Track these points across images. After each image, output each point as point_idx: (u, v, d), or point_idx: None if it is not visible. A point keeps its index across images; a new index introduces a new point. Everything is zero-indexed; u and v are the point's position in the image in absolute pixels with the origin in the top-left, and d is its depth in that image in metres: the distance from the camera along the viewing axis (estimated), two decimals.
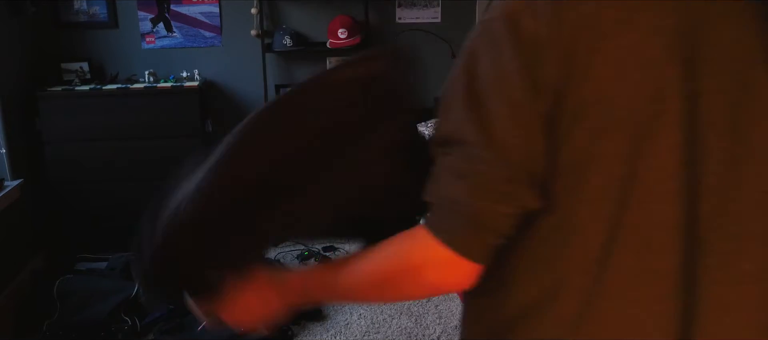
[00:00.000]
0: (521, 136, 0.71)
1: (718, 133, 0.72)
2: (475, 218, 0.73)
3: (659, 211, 0.73)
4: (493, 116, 0.72)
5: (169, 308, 3.04)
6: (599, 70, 0.70)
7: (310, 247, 3.86)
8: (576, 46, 0.70)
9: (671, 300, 0.74)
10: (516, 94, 0.71)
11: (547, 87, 0.70)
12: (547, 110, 0.71)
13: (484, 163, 0.72)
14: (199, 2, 3.84)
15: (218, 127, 3.95)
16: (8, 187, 3.14)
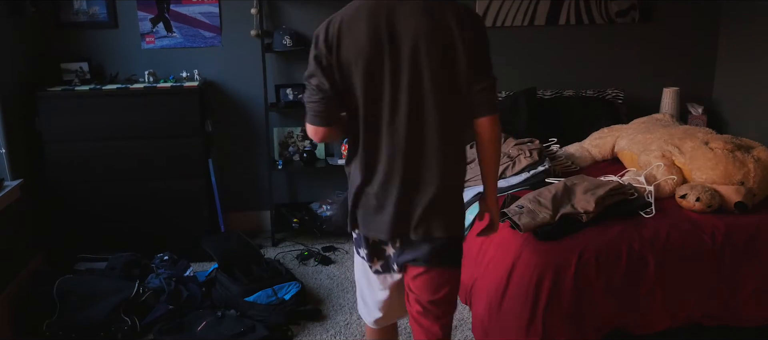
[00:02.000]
0: (327, 78, 1.81)
1: (407, 64, 1.77)
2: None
3: (380, 91, 1.79)
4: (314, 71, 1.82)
5: (169, 307, 3.05)
6: (341, 50, 1.78)
7: (310, 247, 3.86)
8: (336, 43, 1.78)
9: (395, 124, 1.81)
10: (322, 62, 1.80)
11: (329, 57, 1.79)
12: (330, 64, 1.79)
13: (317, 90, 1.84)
14: (198, 2, 3.84)
15: (218, 127, 3.95)
16: (8, 187, 3.13)
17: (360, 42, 1.76)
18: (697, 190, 2.68)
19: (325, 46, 1.78)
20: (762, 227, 2.55)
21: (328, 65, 1.79)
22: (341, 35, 1.77)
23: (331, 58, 1.78)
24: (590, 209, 2.55)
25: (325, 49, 1.78)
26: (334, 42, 1.78)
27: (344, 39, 1.77)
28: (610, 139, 3.45)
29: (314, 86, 1.83)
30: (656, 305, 2.39)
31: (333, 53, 1.78)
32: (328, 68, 1.79)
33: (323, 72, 1.80)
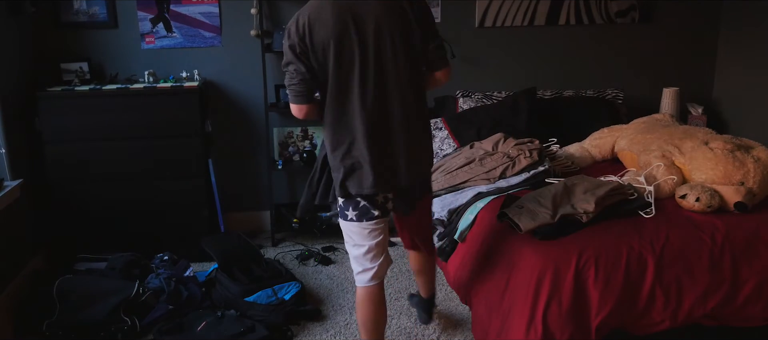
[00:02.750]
0: (302, 63, 2.14)
1: (372, 38, 2.13)
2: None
3: (351, 64, 2.14)
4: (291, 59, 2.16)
5: (169, 307, 3.05)
6: (313, 35, 2.11)
7: (310, 247, 3.86)
8: (307, 31, 2.11)
9: (369, 95, 2.17)
10: (296, 50, 2.13)
11: (302, 44, 2.12)
12: (304, 51, 2.13)
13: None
14: (198, 2, 3.84)
15: (218, 128, 3.95)
16: (8, 187, 3.14)
17: (329, 26, 2.10)
18: (697, 190, 2.68)
19: (298, 36, 2.12)
20: (762, 227, 2.54)
21: (302, 51, 2.13)
22: (311, 24, 2.11)
23: (305, 45, 2.12)
24: (590, 209, 2.55)
25: (298, 39, 2.12)
26: (305, 31, 2.12)
27: (314, 26, 2.11)
28: (610, 139, 3.45)
29: (293, 71, 2.17)
30: (656, 305, 2.39)
31: (306, 40, 2.12)
32: (302, 54, 2.13)
33: (298, 58, 2.14)
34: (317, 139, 4.11)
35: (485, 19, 4.06)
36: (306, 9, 2.15)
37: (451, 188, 3.09)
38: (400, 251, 3.85)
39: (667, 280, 2.40)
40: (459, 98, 3.96)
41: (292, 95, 2.20)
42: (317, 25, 2.11)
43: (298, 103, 2.21)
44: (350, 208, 2.29)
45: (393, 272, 3.57)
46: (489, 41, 4.09)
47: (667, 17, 4.19)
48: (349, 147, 2.20)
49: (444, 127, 3.74)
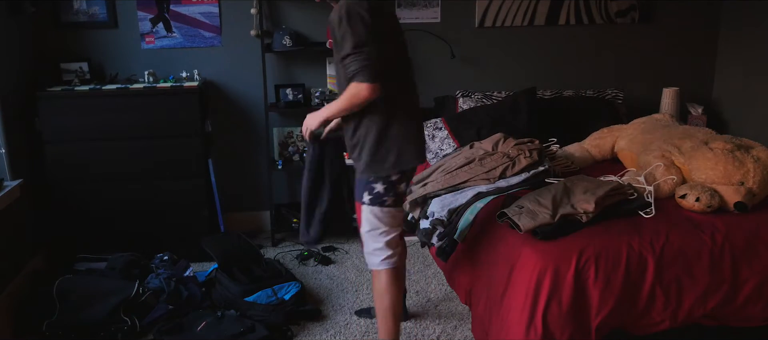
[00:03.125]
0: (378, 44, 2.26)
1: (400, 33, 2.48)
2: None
3: (404, 57, 2.48)
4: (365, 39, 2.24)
5: (169, 307, 3.05)
6: (383, 20, 2.31)
7: (310, 247, 3.86)
8: (377, 14, 2.26)
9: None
10: (373, 31, 2.24)
11: (376, 25, 2.25)
12: (376, 34, 2.25)
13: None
14: (198, 2, 3.84)
15: (218, 128, 3.95)
16: (8, 187, 3.13)
17: (388, 13, 2.39)
18: (697, 190, 2.68)
19: (371, 19, 2.23)
20: (762, 226, 2.54)
21: (376, 33, 2.25)
22: (376, 10, 2.27)
23: (378, 27, 2.26)
24: (590, 209, 2.55)
25: (372, 21, 2.23)
26: (375, 14, 2.26)
27: (379, 12, 2.29)
28: (610, 139, 3.45)
29: (366, 52, 2.23)
30: (656, 304, 2.39)
31: (378, 23, 2.26)
32: (377, 35, 2.25)
33: (374, 39, 2.24)
34: None
35: (485, 19, 4.06)
36: (365, 2, 2.26)
37: (451, 188, 3.09)
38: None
39: (667, 280, 2.40)
40: (459, 98, 3.96)
41: (371, 75, 2.22)
42: (379, 12, 2.29)
43: (378, 81, 2.25)
44: (390, 194, 2.43)
45: None
46: (489, 41, 4.09)
47: (666, 17, 4.19)
48: (407, 125, 2.41)
49: (444, 127, 3.74)
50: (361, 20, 2.21)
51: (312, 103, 3.93)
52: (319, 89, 3.96)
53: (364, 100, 2.27)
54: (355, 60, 2.23)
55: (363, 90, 2.24)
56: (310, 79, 4.02)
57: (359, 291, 3.36)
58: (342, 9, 2.24)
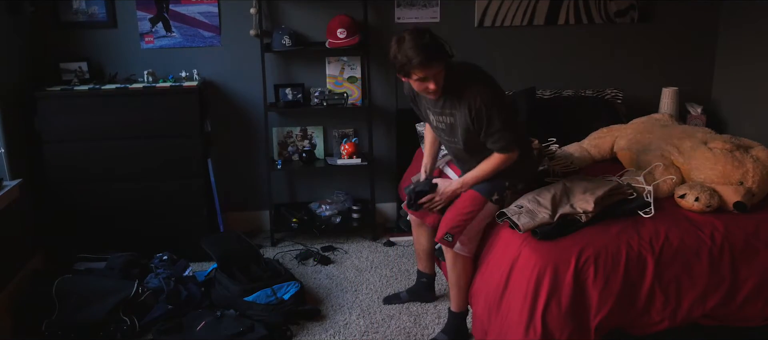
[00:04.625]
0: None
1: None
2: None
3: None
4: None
5: (168, 307, 3.04)
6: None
7: (310, 247, 3.86)
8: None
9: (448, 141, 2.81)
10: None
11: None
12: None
13: None
14: (198, 2, 3.84)
15: (217, 127, 3.95)
16: (7, 187, 3.13)
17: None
18: (696, 189, 2.68)
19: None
20: (761, 226, 2.55)
21: (512, 111, 2.82)
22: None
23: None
24: (589, 209, 2.55)
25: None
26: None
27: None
28: (609, 139, 3.45)
29: (512, 128, 2.64)
30: (655, 304, 2.40)
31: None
32: (512, 112, 2.82)
33: (514, 116, 2.80)
34: (316, 139, 4.11)
35: (484, 19, 4.06)
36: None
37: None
38: (400, 251, 3.85)
39: (667, 279, 2.40)
40: None
41: (517, 145, 2.64)
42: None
43: (520, 146, 2.68)
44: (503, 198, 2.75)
45: (393, 271, 3.57)
46: (488, 41, 4.09)
47: (666, 17, 4.19)
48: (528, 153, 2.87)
49: None
50: (502, 98, 2.62)
51: (311, 103, 3.93)
52: (319, 89, 3.96)
53: (511, 163, 2.66)
54: (503, 136, 2.58)
55: (513, 157, 2.64)
56: (310, 78, 4.02)
57: (359, 291, 3.36)
58: (480, 93, 2.53)
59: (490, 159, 2.66)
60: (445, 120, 2.67)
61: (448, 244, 2.65)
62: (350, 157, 3.95)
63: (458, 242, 2.64)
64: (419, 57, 2.41)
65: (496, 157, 2.65)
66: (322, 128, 4.11)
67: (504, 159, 2.64)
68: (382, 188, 4.19)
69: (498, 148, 2.62)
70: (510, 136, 2.60)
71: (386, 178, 4.17)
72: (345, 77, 4.04)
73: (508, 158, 2.64)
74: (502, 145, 2.61)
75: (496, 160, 2.65)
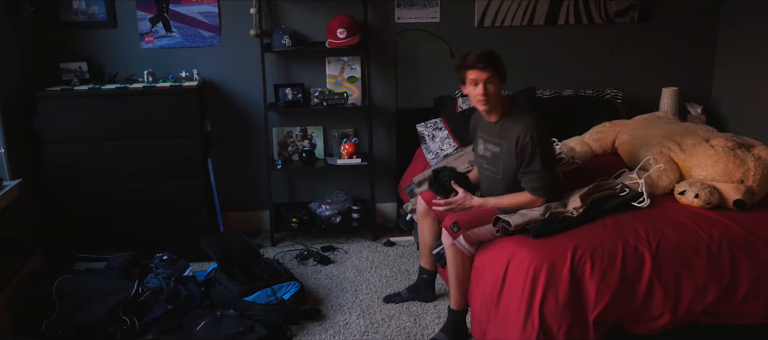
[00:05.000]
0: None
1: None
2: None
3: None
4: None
5: (168, 307, 3.04)
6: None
7: (310, 247, 3.86)
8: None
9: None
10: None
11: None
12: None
13: None
14: (198, 2, 3.84)
15: (217, 127, 3.95)
16: (7, 187, 3.13)
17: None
18: (696, 187, 2.68)
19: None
20: (761, 224, 2.55)
21: (553, 158, 2.90)
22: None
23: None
24: (578, 205, 2.59)
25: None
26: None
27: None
28: (612, 133, 3.45)
29: (550, 175, 2.72)
30: (655, 299, 2.40)
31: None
32: (554, 159, 2.91)
33: (554, 164, 2.89)
34: (316, 139, 4.11)
35: (484, 19, 4.06)
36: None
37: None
38: (400, 251, 3.85)
39: (666, 274, 2.40)
40: (458, 98, 3.96)
41: (549, 193, 2.69)
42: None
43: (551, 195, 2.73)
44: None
45: (392, 271, 3.57)
46: (488, 41, 4.07)
47: (666, 17, 4.19)
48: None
49: (444, 128, 3.73)
50: (550, 144, 2.72)
51: (311, 103, 3.93)
52: (319, 89, 3.96)
53: (533, 208, 2.68)
54: (539, 177, 2.65)
55: (538, 202, 2.67)
56: (310, 78, 4.02)
57: (359, 291, 3.36)
58: (534, 128, 2.63)
59: (519, 194, 2.72)
60: (492, 148, 2.77)
61: (453, 234, 2.65)
62: (350, 158, 3.95)
63: (462, 237, 2.64)
64: (478, 58, 2.68)
65: (525, 196, 2.70)
66: (322, 128, 4.11)
67: (531, 200, 2.68)
68: (382, 188, 4.19)
69: (530, 188, 2.68)
70: (545, 181, 2.67)
71: (386, 178, 4.17)
72: (345, 77, 4.04)
73: (535, 201, 2.68)
74: (535, 186, 2.67)
75: (524, 198, 2.70)
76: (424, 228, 3.08)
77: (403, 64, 4.07)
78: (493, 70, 2.67)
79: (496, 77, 2.68)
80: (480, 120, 2.89)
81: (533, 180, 2.67)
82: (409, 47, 4.04)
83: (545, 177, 2.66)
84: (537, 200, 2.68)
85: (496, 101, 2.71)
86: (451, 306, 2.83)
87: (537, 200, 2.68)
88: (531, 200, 2.68)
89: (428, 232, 3.08)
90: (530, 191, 2.69)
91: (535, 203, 2.68)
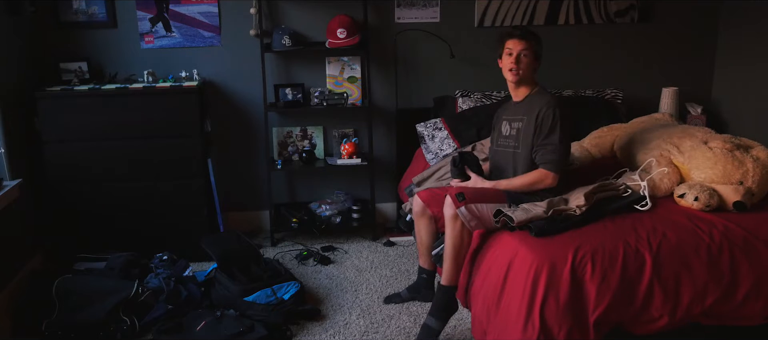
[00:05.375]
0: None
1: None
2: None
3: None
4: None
5: (168, 307, 3.04)
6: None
7: (310, 247, 3.86)
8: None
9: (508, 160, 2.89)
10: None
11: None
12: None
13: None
14: (198, 2, 3.84)
15: (217, 127, 3.95)
16: (7, 187, 3.13)
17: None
18: (696, 189, 2.68)
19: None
20: (761, 225, 2.55)
21: (570, 137, 2.82)
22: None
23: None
24: (581, 203, 2.58)
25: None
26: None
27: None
28: (610, 137, 3.45)
29: (565, 149, 2.75)
30: (654, 300, 2.40)
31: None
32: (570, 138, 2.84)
33: (569, 142, 2.84)
34: (316, 139, 4.11)
35: (484, 19, 4.06)
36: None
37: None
38: (400, 251, 3.85)
39: (665, 276, 2.40)
40: (458, 98, 3.96)
41: (560, 168, 2.70)
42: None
43: (561, 174, 2.73)
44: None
45: (392, 271, 3.57)
46: (488, 41, 4.08)
47: (666, 17, 4.19)
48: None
49: (443, 128, 3.74)
50: (570, 124, 2.71)
51: (311, 103, 3.93)
52: (319, 89, 3.96)
53: (544, 187, 2.70)
54: (555, 150, 2.66)
55: (548, 178, 2.69)
56: (310, 78, 4.02)
57: (359, 291, 3.36)
58: (556, 104, 2.68)
59: (529, 174, 2.74)
60: (516, 125, 2.80)
61: (458, 202, 2.64)
62: (350, 158, 3.95)
63: (465, 208, 2.63)
64: (518, 28, 2.79)
65: (535, 174, 2.72)
66: (322, 128, 4.11)
67: (541, 177, 2.70)
68: (382, 188, 4.19)
69: (543, 161, 2.71)
70: (560, 156, 2.69)
71: (386, 178, 4.18)
72: (345, 77, 4.04)
73: (544, 178, 2.70)
74: (549, 160, 2.69)
75: (534, 176, 2.73)
76: (421, 228, 3.08)
77: (403, 64, 4.07)
78: (530, 43, 2.75)
79: (531, 51, 2.75)
80: (504, 109, 2.96)
81: (548, 153, 2.69)
82: (409, 47, 4.04)
83: (560, 151, 2.69)
84: (548, 175, 2.70)
85: (525, 75, 2.78)
86: (441, 282, 2.80)
87: (548, 176, 2.70)
88: (541, 176, 2.70)
89: (425, 232, 3.07)
90: (542, 164, 2.71)
91: (546, 179, 2.69)
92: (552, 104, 2.70)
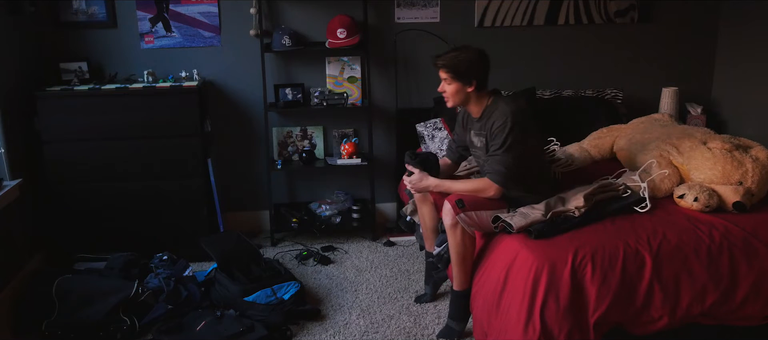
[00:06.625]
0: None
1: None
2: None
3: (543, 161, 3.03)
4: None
5: (168, 307, 3.04)
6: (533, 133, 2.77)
7: (309, 247, 3.86)
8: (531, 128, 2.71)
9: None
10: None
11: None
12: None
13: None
14: (198, 2, 3.84)
15: (217, 127, 3.95)
16: (7, 186, 3.13)
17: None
18: (695, 190, 2.68)
19: (528, 133, 2.67)
20: (760, 226, 2.55)
21: (523, 146, 2.64)
22: (531, 128, 2.73)
23: (528, 140, 2.69)
24: (580, 204, 2.58)
25: (528, 134, 2.67)
26: (531, 130, 2.71)
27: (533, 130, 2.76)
28: (609, 139, 3.46)
29: (510, 160, 2.62)
30: (654, 301, 2.40)
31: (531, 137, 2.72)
32: (524, 147, 2.64)
33: (521, 152, 2.64)
34: (316, 139, 4.11)
35: (484, 19, 4.06)
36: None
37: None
38: (400, 251, 3.85)
39: (665, 276, 2.40)
40: None
41: (502, 180, 2.62)
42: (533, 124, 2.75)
43: (505, 187, 2.66)
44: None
45: (393, 271, 3.57)
46: (488, 41, 4.07)
47: (666, 17, 4.19)
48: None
49: (443, 128, 3.74)
50: (526, 134, 2.60)
51: (311, 103, 3.93)
52: (319, 89, 3.96)
53: (487, 197, 2.63)
54: (500, 161, 2.58)
55: (492, 189, 2.63)
56: (310, 78, 4.02)
57: (358, 291, 3.36)
58: (511, 114, 2.58)
59: (474, 180, 2.73)
60: (481, 140, 2.75)
61: (457, 209, 2.63)
62: (350, 157, 3.95)
63: (465, 214, 2.61)
64: (435, 57, 2.71)
65: (480, 182, 2.68)
66: (322, 128, 4.11)
67: (485, 186, 2.64)
68: (382, 188, 4.19)
69: (489, 170, 2.64)
70: (506, 167, 2.60)
71: (386, 178, 4.17)
72: (345, 77, 4.04)
73: (487, 187, 2.64)
74: (492, 170, 2.63)
75: (477, 184, 2.68)
76: (424, 212, 3.09)
77: (403, 64, 4.07)
78: (445, 72, 2.69)
79: (449, 75, 2.68)
80: (469, 119, 2.88)
81: (495, 163, 2.62)
82: (409, 47, 4.04)
83: (507, 162, 2.59)
84: (491, 186, 2.62)
85: (458, 100, 2.73)
86: (453, 288, 2.80)
87: (491, 187, 2.62)
88: (485, 185, 2.64)
89: (428, 216, 3.08)
90: (486, 173, 2.65)
91: (489, 190, 2.62)
92: (506, 114, 2.60)
